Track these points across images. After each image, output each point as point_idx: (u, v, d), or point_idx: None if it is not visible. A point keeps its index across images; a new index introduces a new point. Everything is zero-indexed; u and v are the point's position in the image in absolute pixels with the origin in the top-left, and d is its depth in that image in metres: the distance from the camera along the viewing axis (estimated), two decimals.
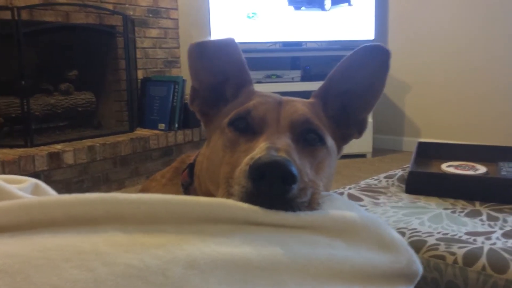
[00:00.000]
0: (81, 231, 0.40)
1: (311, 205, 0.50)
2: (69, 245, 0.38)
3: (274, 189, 0.47)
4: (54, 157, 2.48)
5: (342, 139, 0.73)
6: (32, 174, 2.38)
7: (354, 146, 3.49)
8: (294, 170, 0.48)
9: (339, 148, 0.72)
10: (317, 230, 0.47)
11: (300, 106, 0.65)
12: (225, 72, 0.69)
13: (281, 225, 0.46)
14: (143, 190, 0.80)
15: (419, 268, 0.52)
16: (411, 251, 0.52)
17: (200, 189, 0.65)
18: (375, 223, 0.51)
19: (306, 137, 0.61)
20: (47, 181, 2.47)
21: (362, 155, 3.49)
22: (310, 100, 0.70)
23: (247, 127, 0.61)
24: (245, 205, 0.46)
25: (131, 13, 3.09)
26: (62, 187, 2.53)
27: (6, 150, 2.44)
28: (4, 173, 2.29)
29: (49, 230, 0.40)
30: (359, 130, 0.74)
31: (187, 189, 0.70)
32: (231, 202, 0.47)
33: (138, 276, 0.36)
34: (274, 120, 0.60)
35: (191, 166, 0.72)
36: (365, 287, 0.46)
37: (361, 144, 3.45)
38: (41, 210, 0.42)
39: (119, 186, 2.78)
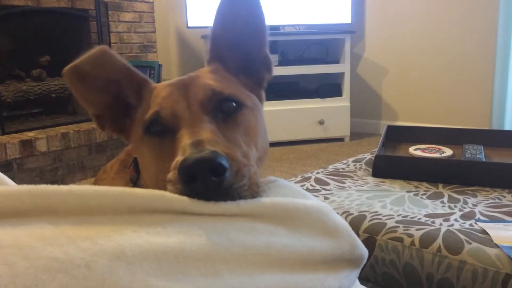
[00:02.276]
0: (6, 224, 0.39)
1: (251, 187, 0.49)
2: None
3: (208, 185, 0.46)
4: (27, 145, 2.43)
5: (257, 86, 0.70)
6: (3, 163, 2.34)
7: (332, 130, 3.52)
8: (222, 160, 0.46)
9: (260, 96, 0.69)
10: (258, 218, 0.46)
11: (204, 81, 0.61)
12: (114, 82, 0.64)
13: (221, 215, 0.45)
14: (96, 181, 0.78)
15: (363, 252, 0.53)
16: (354, 237, 0.52)
17: (147, 185, 0.63)
18: (318, 209, 0.51)
19: (223, 108, 0.59)
20: (20, 170, 2.43)
21: (340, 139, 3.52)
22: (210, 67, 0.67)
23: (163, 128, 0.58)
24: (184, 197, 0.45)
25: None
26: (35, 175, 2.50)
27: None
28: None
29: None
30: (267, 68, 0.70)
31: (136, 184, 0.68)
32: (168, 194, 0.46)
33: (60, 269, 0.35)
34: (185, 109, 0.57)
35: (136, 160, 0.69)
36: (305, 273, 0.46)
37: (339, 128, 3.47)
38: None
39: (95, 173, 2.75)
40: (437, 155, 1.27)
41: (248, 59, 0.69)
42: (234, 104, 0.60)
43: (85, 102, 0.65)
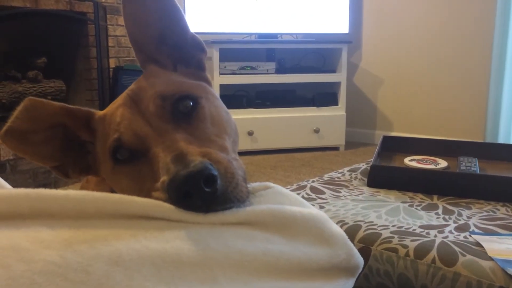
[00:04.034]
0: (3, 227, 0.39)
1: (241, 183, 0.48)
2: None
3: (204, 198, 0.45)
4: None
5: (199, 69, 0.66)
6: None
7: (327, 139, 3.53)
8: (211, 169, 0.45)
9: (205, 79, 0.66)
10: (255, 225, 0.47)
11: (149, 89, 0.57)
12: (56, 127, 0.61)
13: (218, 224, 0.45)
14: (81, 189, 0.78)
15: (358, 261, 0.53)
16: (350, 245, 0.52)
17: None
18: (315, 217, 0.51)
19: (180, 109, 0.56)
20: (13, 171, 2.41)
21: (335, 148, 3.52)
22: (146, 73, 0.62)
23: (132, 153, 0.54)
24: (180, 209, 0.45)
25: None
26: (28, 177, 2.48)
27: None
28: None
29: None
30: (200, 48, 0.66)
31: None
32: (166, 204, 0.45)
33: (57, 273, 0.35)
34: (145, 127, 0.54)
35: None
36: (302, 281, 0.46)
37: (334, 137, 3.48)
38: None
39: None
40: (432, 166, 1.28)
41: (178, 48, 0.65)
42: (189, 101, 0.57)
43: (38, 159, 0.61)
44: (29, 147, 0.60)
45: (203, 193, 0.45)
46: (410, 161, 1.31)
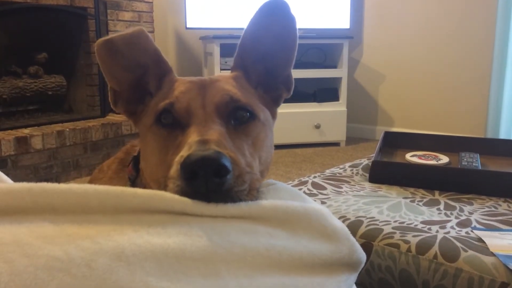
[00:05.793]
0: (6, 221, 0.39)
1: (251, 192, 0.50)
2: None
3: (208, 185, 0.46)
4: (22, 142, 2.42)
5: (273, 102, 0.71)
6: None
7: (328, 134, 3.52)
8: (226, 162, 0.47)
9: (273, 112, 0.70)
10: (257, 220, 0.47)
11: (223, 85, 0.62)
12: (142, 65, 0.65)
13: (221, 217, 0.45)
14: (92, 181, 0.78)
15: (361, 256, 0.53)
16: (352, 241, 0.52)
17: (148, 184, 0.63)
18: (317, 213, 0.51)
19: (236, 116, 0.60)
20: (14, 167, 2.42)
21: (336, 144, 3.52)
22: (232, 74, 0.67)
23: (174, 121, 0.58)
24: (184, 198, 0.46)
25: None
26: (30, 172, 2.48)
27: None
28: None
29: None
30: (287, 88, 0.71)
31: (134, 183, 0.69)
32: (169, 195, 0.46)
33: (60, 268, 0.35)
34: (199, 108, 0.58)
35: (136, 159, 0.69)
36: (304, 276, 0.46)
37: (335, 132, 3.48)
38: None
39: (90, 172, 2.74)
40: (433, 162, 1.28)
41: (270, 75, 0.69)
42: (247, 114, 0.60)
43: (108, 76, 0.66)
44: (110, 63, 0.64)
45: (211, 180, 0.46)
46: (412, 157, 1.31)
